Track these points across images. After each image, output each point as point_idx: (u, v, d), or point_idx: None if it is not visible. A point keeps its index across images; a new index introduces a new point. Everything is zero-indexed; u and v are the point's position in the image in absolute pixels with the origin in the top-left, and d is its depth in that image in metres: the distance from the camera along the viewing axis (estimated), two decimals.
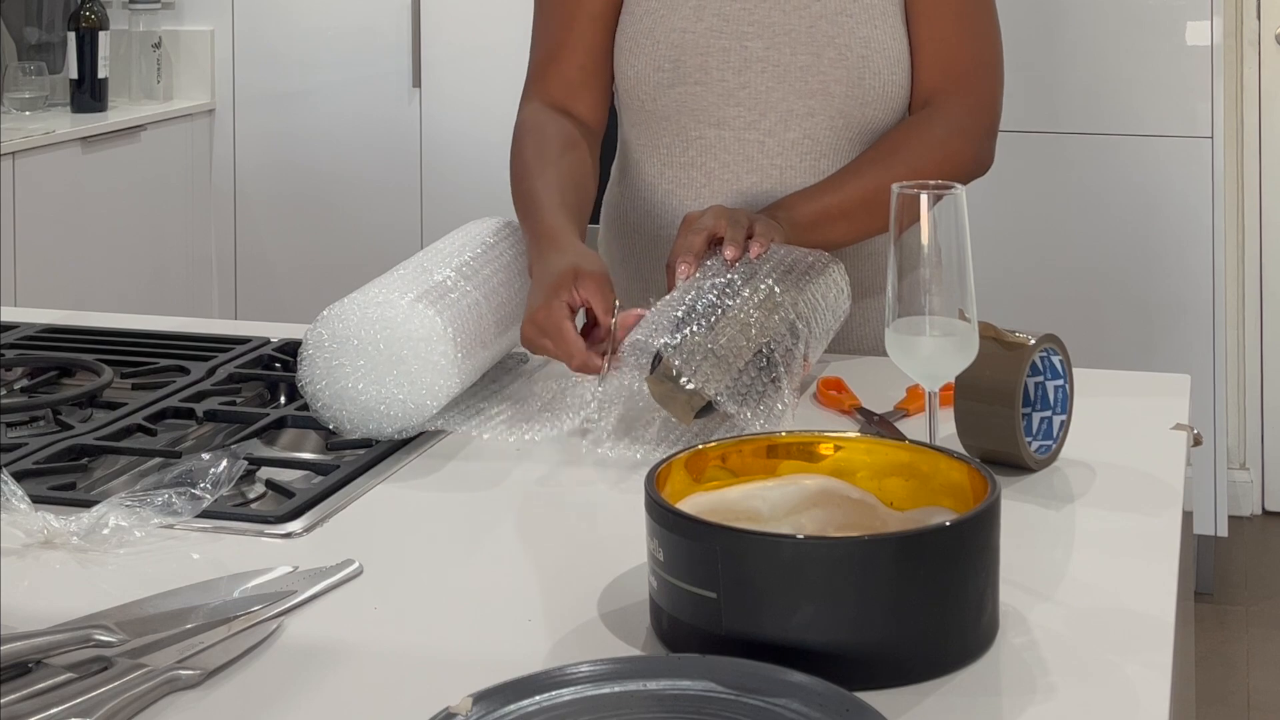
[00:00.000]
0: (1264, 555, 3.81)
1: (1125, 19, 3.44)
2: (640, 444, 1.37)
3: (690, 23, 1.67)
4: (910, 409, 1.47)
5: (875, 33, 1.66)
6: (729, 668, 0.90)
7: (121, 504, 1.20)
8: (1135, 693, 0.96)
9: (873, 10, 1.66)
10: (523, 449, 1.39)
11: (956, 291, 1.19)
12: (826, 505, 1.09)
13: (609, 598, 1.09)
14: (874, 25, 1.66)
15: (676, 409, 1.36)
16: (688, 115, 1.69)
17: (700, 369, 1.33)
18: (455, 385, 1.41)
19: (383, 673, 0.99)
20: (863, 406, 1.47)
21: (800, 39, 1.65)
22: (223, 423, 1.50)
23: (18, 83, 3.87)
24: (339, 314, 1.40)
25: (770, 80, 1.66)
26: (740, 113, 1.67)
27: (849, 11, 1.66)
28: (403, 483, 1.33)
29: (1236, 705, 3.09)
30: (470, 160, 3.84)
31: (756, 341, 1.36)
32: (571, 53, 1.73)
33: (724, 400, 1.32)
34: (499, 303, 1.51)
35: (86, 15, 3.89)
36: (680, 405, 1.35)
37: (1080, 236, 3.45)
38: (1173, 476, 1.32)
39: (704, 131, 1.69)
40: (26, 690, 0.93)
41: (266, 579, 1.11)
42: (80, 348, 1.72)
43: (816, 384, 1.53)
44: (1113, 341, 3.45)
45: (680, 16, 1.68)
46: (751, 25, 1.66)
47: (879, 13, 1.66)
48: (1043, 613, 1.06)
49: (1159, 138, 3.44)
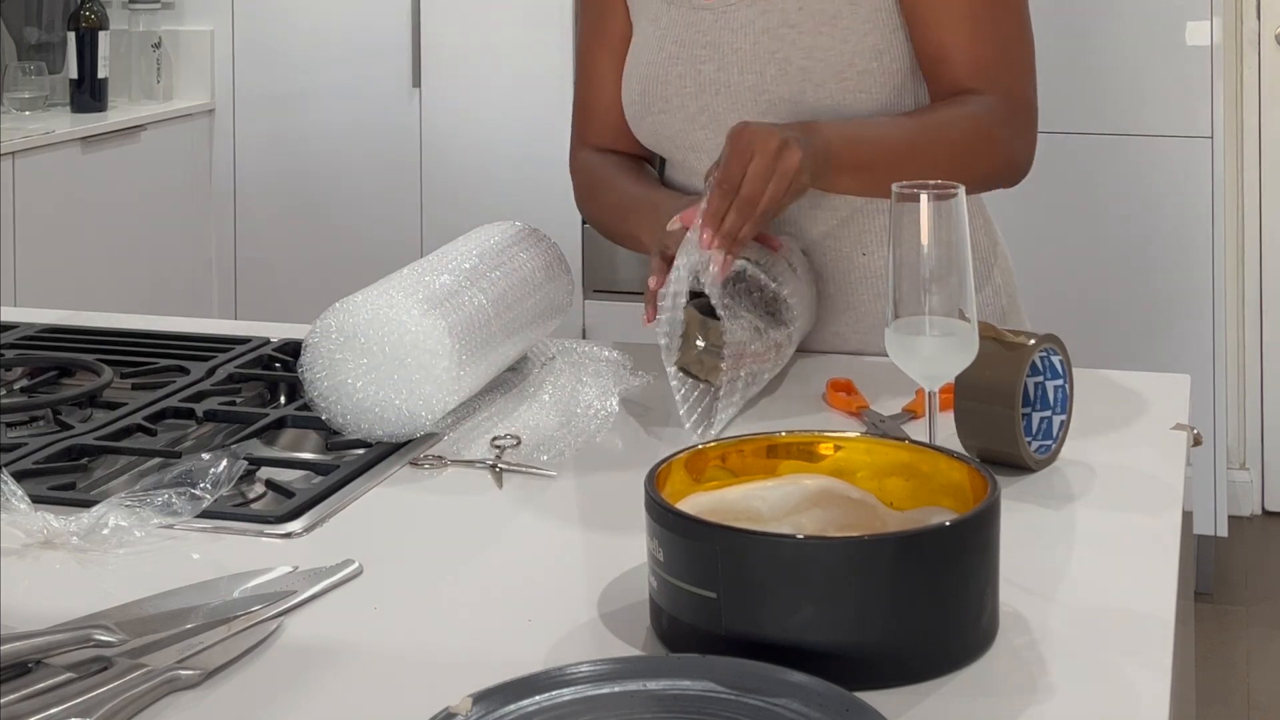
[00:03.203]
0: (1264, 555, 3.81)
1: (1125, 19, 3.44)
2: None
3: (653, 53, 1.70)
4: (919, 411, 1.47)
5: (821, 40, 1.60)
6: (729, 668, 0.90)
7: (121, 504, 1.20)
8: (1135, 693, 0.96)
9: (821, 16, 1.61)
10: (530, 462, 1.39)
11: (956, 291, 1.19)
12: (826, 505, 1.09)
13: (609, 598, 1.09)
14: (820, 33, 1.60)
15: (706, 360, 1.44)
16: (665, 141, 1.72)
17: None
18: (453, 400, 1.41)
19: (383, 673, 0.99)
20: (871, 408, 1.47)
21: (745, 57, 1.64)
22: (223, 423, 1.50)
23: (18, 83, 3.87)
24: (348, 309, 1.39)
25: (725, 102, 1.65)
26: (707, 135, 1.67)
27: (793, 22, 1.62)
28: (403, 483, 1.33)
29: (1236, 705, 3.09)
30: (470, 161, 3.84)
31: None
32: (602, 105, 1.80)
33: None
34: (510, 317, 1.51)
35: (86, 15, 3.89)
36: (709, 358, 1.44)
37: (1080, 236, 3.45)
38: (1173, 476, 1.32)
39: (684, 155, 1.71)
40: (26, 690, 0.93)
41: (266, 579, 1.11)
42: (80, 348, 1.72)
43: (826, 385, 1.53)
44: (1113, 341, 3.45)
45: (647, 49, 1.71)
46: (704, 48, 1.66)
47: (829, 17, 1.60)
48: (1043, 613, 1.06)
49: (1159, 138, 3.44)
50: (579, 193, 1.81)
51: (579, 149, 1.84)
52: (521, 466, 1.35)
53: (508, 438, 1.40)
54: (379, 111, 3.92)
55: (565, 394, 1.53)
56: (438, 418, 1.40)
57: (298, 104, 3.99)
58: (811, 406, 1.50)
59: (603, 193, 1.75)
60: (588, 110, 1.82)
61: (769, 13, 1.63)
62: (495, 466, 1.35)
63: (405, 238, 3.88)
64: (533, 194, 3.63)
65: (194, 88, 4.06)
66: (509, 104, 3.79)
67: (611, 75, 1.78)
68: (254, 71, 4.02)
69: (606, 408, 1.49)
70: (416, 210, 3.91)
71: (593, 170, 1.78)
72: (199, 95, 4.05)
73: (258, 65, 4.02)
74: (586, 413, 1.48)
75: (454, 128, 3.87)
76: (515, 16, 3.80)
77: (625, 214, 1.69)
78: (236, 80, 4.03)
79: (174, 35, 4.06)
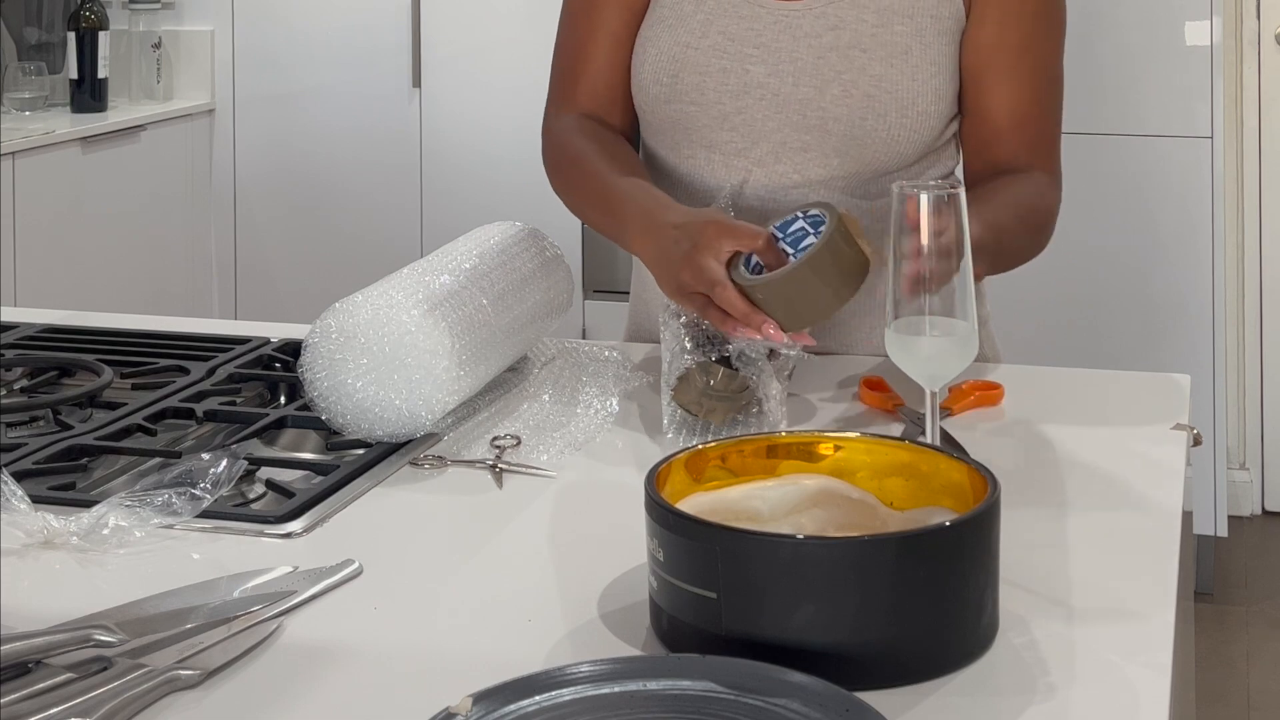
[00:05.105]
0: (1264, 555, 3.81)
1: (1125, 19, 3.44)
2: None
3: (695, 38, 1.62)
4: (954, 408, 1.47)
5: (890, 72, 1.57)
6: (729, 668, 0.90)
7: (121, 504, 1.20)
8: (1135, 693, 0.96)
9: (893, 48, 1.58)
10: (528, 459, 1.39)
11: (957, 292, 1.19)
12: (826, 505, 1.09)
13: (609, 598, 1.09)
14: (890, 64, 1.57)
15: (719, 407, 1.41)
16: (680, 133, 1.64)
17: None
18: (453, 400, 1.41)
19: (383, 673, 0.99)
20: (906, 406, 1.46)
21: (805, 69, 1.59)
22: (223, 423, 1.50)
23: (18, 83, 3.87)
24: (349, 309, 1.39)
25: (767, 109, 1.60)
26: (732, 138, 1.61)
27: (864, 46, 1.58)
28: (403, 483, 1.33)
29: (1236, 705, 3.09)
30: (470, 161, 3.84)
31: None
32: (596, 69, 1.69)
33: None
34: (510, 317, 1.51)
35: (86, 15, 3.89)
36: (724, 406, 1.41)
37: (1080, 236, 3.45)
38: (1173, 477, 1.32)
39: (695, 151, 1.64)
40: (26, 690, 0.93)
41: (266, 579, 1.11)
42: (80, 348, 1.72)
43: (859, 384, 1.52)
44: (1113, 341, 3.45)
45: (686, 30, 1.63)
46: (756, 48, 1.60)
47: (900, 50, 1.58)
48: (1043, 613, 1.06)
49: (1159, 138, 3.44)
50: (550, 162, 1.70)
51: (558, 110, 1.72)
52: (521, 466, 1.35)
53: (508, 438, 1.40)
54: (379, 112, 3.92)
55: (565, 394, 1.54)
56: (438, 418, 1.40)
57: (298, 104, 3.99)
58: (846, 405, 1.50)
59: (581, 176, 1.63)
60: (578, 66, 1.70)
61: (839, 29, 1.59)
62: (495, 466, 1.34)
63: (405, 238, 3.88)
64: (533, 194, 3.59)
65: (194, 88, 4.06)
66: (509, 104, 3.79)
67: (623, 31, 1.67)
68: (254, 72, 4.02)
69: (606, 408, 1.49)
70: (416, 211, 3.91)
71: (572, 145, 1.66)
72: (199, 95, 4.05)
73: (258, 66, 4.02)
74: (586, 413, 1.48)
75: (454, 128, 3.87)
76: (515, 16, 3.80)
77: (608, 207, 1.57)
78: (236, 81, 4.04)
79: (174, 35, 4.06)
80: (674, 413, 1.42)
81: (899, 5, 1.59)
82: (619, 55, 1.69)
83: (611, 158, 1.63)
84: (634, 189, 1.55)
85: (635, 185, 1.56)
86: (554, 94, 1.74)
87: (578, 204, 1.67)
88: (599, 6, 1.69)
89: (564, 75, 1.73)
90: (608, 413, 1.48)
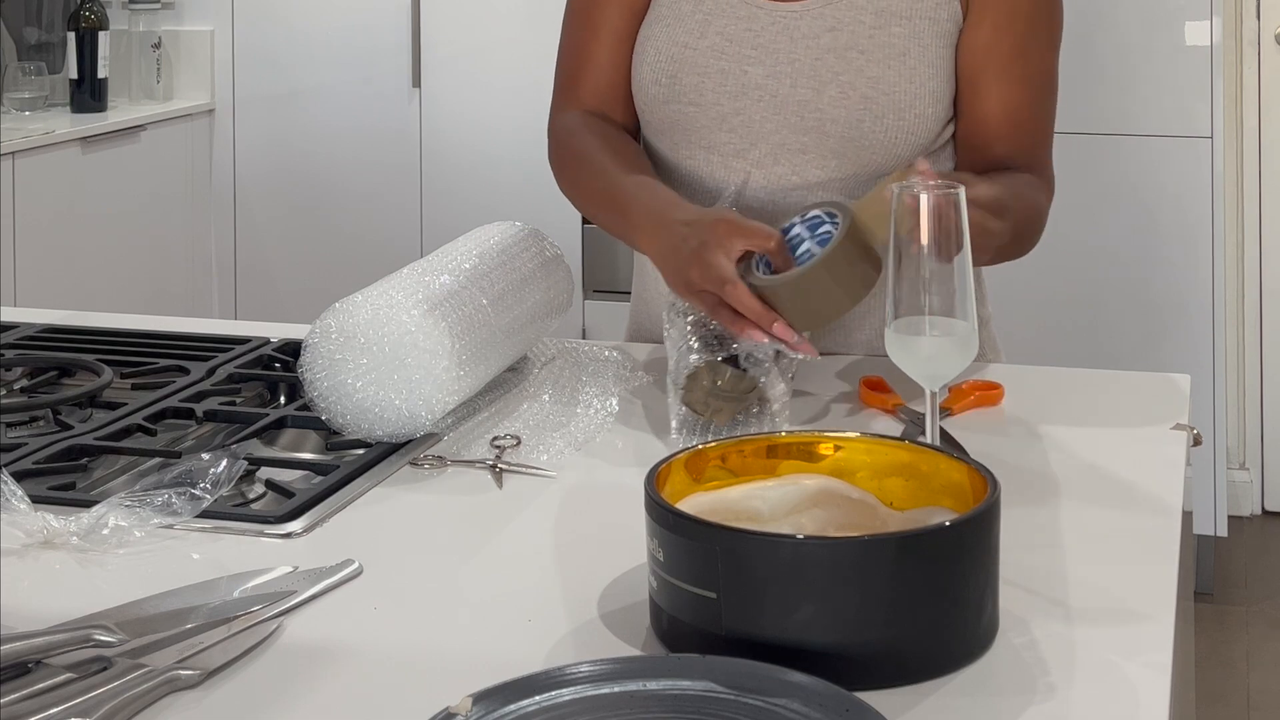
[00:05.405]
0: (1264, 555, 3.81)
1: (1125, 19, 3.44)
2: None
3: (693, 38, 1.62)
4: (954, 408, 1.47)
5: (887, 74, 1.57)
6: (729, 668, 0.90)
7: (121, 504, 1.20)
8: (1135, 693, 0.96)
9: (891, 50, 1.58)
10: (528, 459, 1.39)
11: (957, 292, 1.19)
12: (826, 505, 1.09)
13: (609, 598, 1.09)
14: (888, 66, 1.57)
15: (725, 406, 1.40)
16: (679, 134, 1.64)
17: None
18: (453, 400, 1.41)
19: (383, 673, 0.99)
20: (906, 405, 1.46)
21: (803, 71, 1.59)
22: (223, 423, 1.50)
23: (18, 83, 3.87)
24: (348, 309, 1.39)
25: (765, 110, 1.60)
26: (731, 139, 1.61)
27: (862, 48, 1.58)
28: (403, 483, 1.33)
29: (1236, 705, 3.09)
30: (470, 161, 3.84)
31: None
32: (599, 67, 1.70)
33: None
34: (510, 317, 1.51)
35: (86, 15, 3.89)
36: (729, 405, 1.40)
37: (1080, 236, 3.45)
38: (1173, 476, 1.32)
39: (694, 152, 1.64)
40: (26, 690, 0.93)
41: (266, 579, 1.11)
42: (80, 348, 1.72)
43: (859, 384, 1.52)
44: (1113, 341, 3.45)
45: (684, 29, 1.63)
46: (755, 49, 1.60)
47: (898, 52, 1.58)
48: (1043, 613, 1.06)
49: (1159, 138, 3.44)
50: (556, 160, 1.71)
51: (563, 107, 1.73)
52: (521, 466, 1.35)
53: (508, 438, 1.40)
54: (379, 112, 3.93)
55: (565, 394, 1.54)
56: (438, 418, 1.40)
57: (298, 104, 3.99)
58: (847, 405, 1.50)
59: (587, 173, 1.64)
60: (581, 64, 1.71)
61: (838, 31, 1.59)
62: (495, 466, 1.34)
63: (405, 238, 3.88)
64: (533, 194, 3.62)
65: (194, 88, 4.06)
66: (509, 104, 3.79)
67: (624, 30, 1.68)
68: (254, 72, 4.02)
69: (606, 408, 1.49)
70: (416, 210, 3.91)
71: (578, 142, 1.67)
72: (199, 95, 4.05)
73: (258, 66, 4.02)
74: (586, 413, 1.48)
75: (454, 128, 3.87)
76: (515, 16, 3.80)
77: (615, 204, 1.57)
78: (236, 81, 4.04)
79: (174, 35, 4.06)
80: (681, 413, 1.42)
81: (897, 7, 1.59)
82: (621, 53, 1.69)
83: (617, 154, 1.63)
84: (641, 186, 1.56)
85: (642, 182, 1.56)
86: (559, 92, 1.75)
87: (584, 202, 1.68)
88: (601, 5, 1.69)
89: (568, 73, 1.73)
90: (608, 413, 1.48)
